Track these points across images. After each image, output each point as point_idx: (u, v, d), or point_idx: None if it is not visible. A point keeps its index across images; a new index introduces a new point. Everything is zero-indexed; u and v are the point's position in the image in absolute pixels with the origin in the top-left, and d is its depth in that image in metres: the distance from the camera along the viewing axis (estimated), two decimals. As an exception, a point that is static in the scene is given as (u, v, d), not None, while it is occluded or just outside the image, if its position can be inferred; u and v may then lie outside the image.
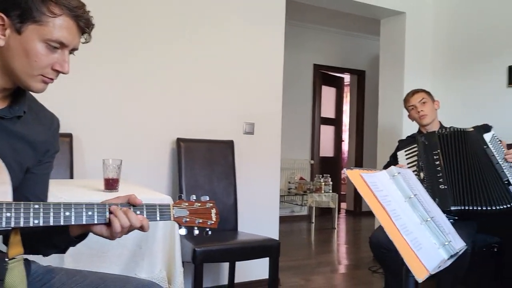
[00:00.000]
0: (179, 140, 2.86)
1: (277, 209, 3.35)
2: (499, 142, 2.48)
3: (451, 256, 1.44)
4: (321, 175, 5.83)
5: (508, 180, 2.36)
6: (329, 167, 6.81)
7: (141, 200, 1.15)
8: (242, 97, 3.19)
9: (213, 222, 1.30)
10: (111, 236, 1.11)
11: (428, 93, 2.83)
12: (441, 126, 2.80)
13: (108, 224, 1.10)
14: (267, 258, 2.51)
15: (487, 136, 2.47)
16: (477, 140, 2.48)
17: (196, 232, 1.27)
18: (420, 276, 1.20)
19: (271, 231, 3.20)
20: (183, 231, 1.23)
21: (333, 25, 6.41)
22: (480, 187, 2.40)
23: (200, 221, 1.27)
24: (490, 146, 2.45)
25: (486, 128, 2.51)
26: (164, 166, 2.91)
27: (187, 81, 2.99)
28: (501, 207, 2.35)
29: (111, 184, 1.84)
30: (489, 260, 2.63)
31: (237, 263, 2.85)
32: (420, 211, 1.48)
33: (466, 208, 2.41)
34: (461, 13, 3.81)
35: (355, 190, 5.70)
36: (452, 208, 2.44)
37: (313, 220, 6.13)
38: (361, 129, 7.04)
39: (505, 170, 2.38)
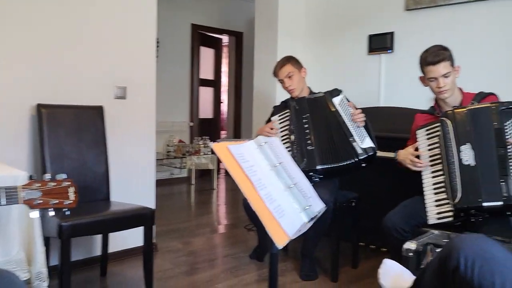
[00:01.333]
0: (40, 106, 2.60)
1: (153, 175, 3.28)
2: (347, 103, 2.72)
3: (311, 219, 1.55)
4: (200, 138, 5.84)
5: (353, 138, 2.62)
6: (209, 128, 6.85)
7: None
8: (112, 60, 2.99)
9: (71, 201, 1.22)
10: None
11: (294, 63, 2.90)
12: (311, 92, 2.96)
13: None
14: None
15: (336, 100, 2.71)
16: (327, 104, 2.71)
17: (52, 213, 1.18)
18: (280, 242, 1.27)
19: (147, 198, 3.15)
20: (35, 214, 1.14)
21: (211, -16, 6.28)
22: (332, 146, 2.67)
23: (56, 201, 1.18)
24: (339, 108, 2.69)
25: (336, 92, 2.75)
26: (22, 136, 2.63)
27: (48, 41, 2.70)
28: (347, 162, 2.63)
29: (-49, 161, 1.61)
30: (348, 213, 2.91)
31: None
32: (284, 178, 1.55)
33: (326, 166, 2.65)
34: (329, -19, 3.99)
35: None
36: (318, 167, 2.66)
37: (193, 182, 6.18)
38: (239, 90, 7.15)
39: (350, 129, 2.64)
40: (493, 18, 3.06)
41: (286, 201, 1.47)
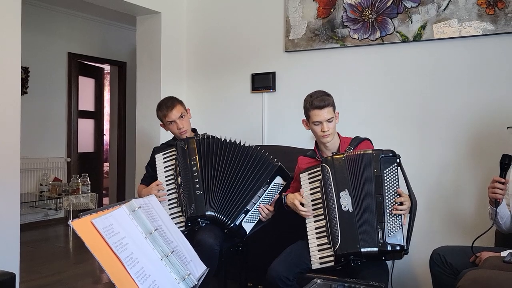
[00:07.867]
0: None
1: (17, 229, 2.89)
2: (283, 195, 2.55)
3: (192, 288, 1.45)
4: (78, 175, 5.40)
5: (245, 208, 2.55)
6: (90, 163, 6.41)
7: None
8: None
9: None
10: None
11: (182, 104, 2.82)
12: (196, 134, 2.86)
13: None
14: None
15: (277, 179, 2.62)
16: (237, 151, 2.62)
17: None
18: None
19: (9, 257, 2.77)
20: None
21: (90, 11, 5.96)
22: (226, 196, 2.57)
23: None
24: (272, 185, 2.61)
25: (284, 173, 2.64)
26: None
27: None
28: (218, 215, 2.53)
29: None
30: (235, 255, 2.85)
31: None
32: (161, 246, 1.43)
33: (212, 214, 2.54)
34: (211, 21, 3.97)
35: (118, 184, 5.43)
36: (207, 213, 2.54)
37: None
38: (123, 121, 6.83)
39: (251, 201, 2.57)
40: (363, 60, 3.30)
41: (163, 274, 1.35)
